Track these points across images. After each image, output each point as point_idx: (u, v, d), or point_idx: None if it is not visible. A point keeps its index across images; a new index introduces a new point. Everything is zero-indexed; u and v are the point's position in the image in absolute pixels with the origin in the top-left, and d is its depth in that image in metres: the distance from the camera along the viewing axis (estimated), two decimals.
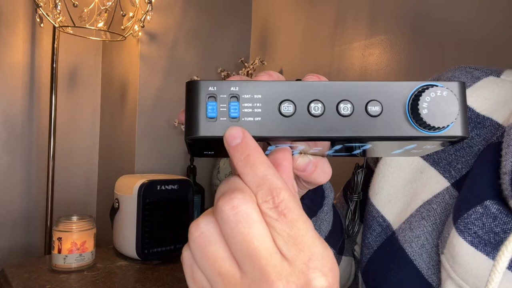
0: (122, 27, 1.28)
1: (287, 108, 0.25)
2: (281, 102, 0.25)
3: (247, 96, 0.25)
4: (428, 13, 0.99)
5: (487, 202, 0.33)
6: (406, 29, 1.04)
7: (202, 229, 0.25)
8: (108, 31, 1.30)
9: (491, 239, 0.32)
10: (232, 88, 0.25)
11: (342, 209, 0.54)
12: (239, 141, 0.24)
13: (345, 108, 0.25)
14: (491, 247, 0.32)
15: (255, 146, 0.25)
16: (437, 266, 0.37)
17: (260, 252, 0.23)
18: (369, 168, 0.50)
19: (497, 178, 0.34)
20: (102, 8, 1.21)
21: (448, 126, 0.24)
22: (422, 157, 0.43)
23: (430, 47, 0.98)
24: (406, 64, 1.04)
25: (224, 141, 0.25)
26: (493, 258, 0.31)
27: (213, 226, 0.25)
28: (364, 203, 0.48)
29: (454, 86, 0.25)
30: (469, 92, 0.41)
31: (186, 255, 0.26)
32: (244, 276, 0.24)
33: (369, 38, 1.14)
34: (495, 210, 0.32)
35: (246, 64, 1.46)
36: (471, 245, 0.32)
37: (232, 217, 0.23)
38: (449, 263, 0.34)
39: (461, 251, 0.33)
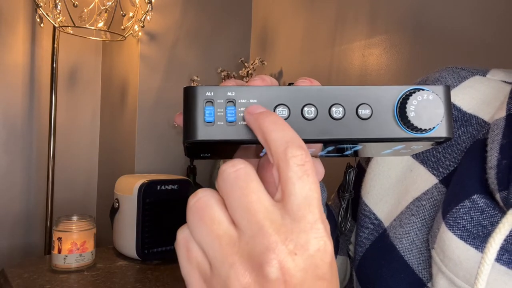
0: (122, 27, 1.28)
1: (282, 112, 0.26)
2: (275, 107, 0.26)
3: (243, 101, 0.26)
4: (428, 13, 0.99)
5: (475, 196, 0.34)
6: (406, 29, 1.04)
7: (199, 195, 0.25)
8: (108, 31, 1.30)
9: (479, 232, 0.32)
10: (228, 94, 0.26)
11: (337, 209, 0.54)
12: (264, 110, 0.25)
13: (337, 112, 0.26)
14: (479, 240, 0.32)
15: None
16: (427, 261, 0.38)
17: (257, 206, 0.23)
18: (361, 167, 0.51)
19: (483, 173, 0.35)
20: (102, 8, 1.21)
21: (434, 128, 0.25)
22: (412, 155, 0.44)
23: (430, 47, 0.98)
24: (406, 64, 1.04)
25: (247, 114, 0.25)
26: (482, 251, 0.32)
27: (210, 192, 0.25)
28: (357, 202, 0.49)
29: (440, 90, 0.26)
30: (456, 91, 0.43)
31: (180, 233, 0.26)
32: (242, 235, 0.24)
33: (369, 38, 1.14)
34: (482, 204, 0.33)
35: (246, 64, 1.46)
36: (460, 239, 0.33)
37: (233, 174, 0.24)
38: (440, 257, 0.35)
39: (451, 245, 0.33)
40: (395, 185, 0.44)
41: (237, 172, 0.24)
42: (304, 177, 0.23)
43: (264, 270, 0.22)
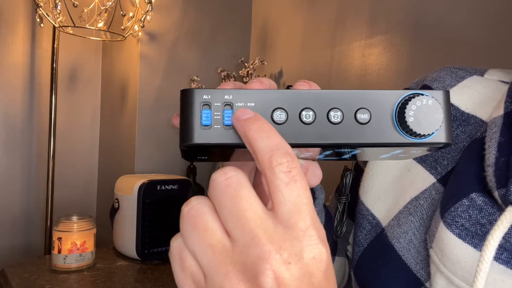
0: (122, 27, 1.28)
1: (279, 116, 0.25)
2: (273, 110, 0.25)
3: (241, 104, 0.25)
4: (428, 13, 0.99)
5: (473, 195, 0.34)
6: (406, 29, 1.04)
7: (192, 203, 0.25)
8: (108, 31, 1.30)
9: (477, 231, 0.32)
10: (226, 97, 0.25)
11: (334, 210, 0.54)
12: (252, 115, 0.25)
13: (335, 116, 0.25)
14: (478, 239, 0.32)
15: (267, 122, 0.25)
16: (425, 261, 0.38)
17: (249, 214, 0.23)
18: (360, 167, 0.51)
19: (481, 171, 0.35)
20: (102, 8, 1.21)
21: (433, 133, 0.25)
22: None
23: (430, 47, 0.98)
24: (406, 64, 1.04)
25: (234, 120, 0.25)
26: (480, 249, 0.31)
27: (203, 200, 0.25)
28: (355, 202, 0.49)
29: (439, 95, 0.26)
30: (454, 91, 0.43)
31: (174, 242, 0.26)
32: (235, 244, 0.23)
33: (369, 38, 1.14)
34: (480, 202, 0.33)
35: (246, 64, 1.46)
36: (459, 237, 0.33)
37: (223, 182, 0.24)
38: (438, 256, 0.35)
39: (449, 244, 0.33)
40: (393, 184, 0.44)
41: (227, 180, 0.24)
42: (292, 183, 0.23)
43: (258, 280, 0.22)
